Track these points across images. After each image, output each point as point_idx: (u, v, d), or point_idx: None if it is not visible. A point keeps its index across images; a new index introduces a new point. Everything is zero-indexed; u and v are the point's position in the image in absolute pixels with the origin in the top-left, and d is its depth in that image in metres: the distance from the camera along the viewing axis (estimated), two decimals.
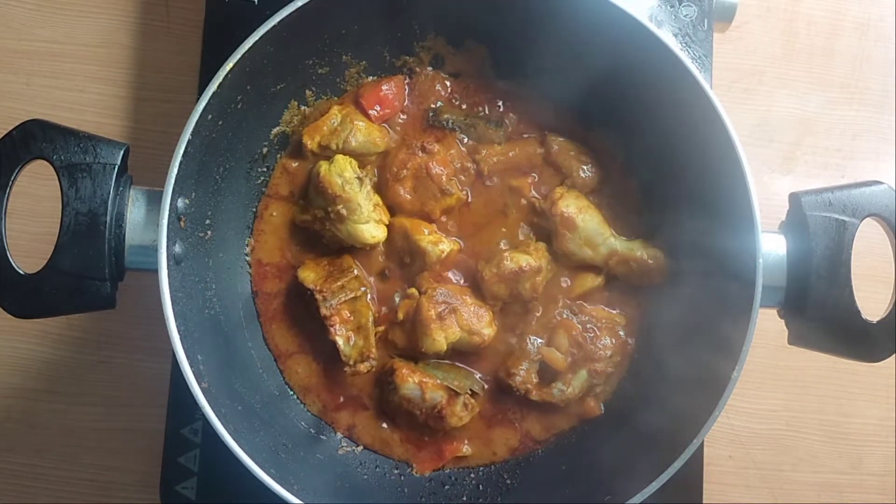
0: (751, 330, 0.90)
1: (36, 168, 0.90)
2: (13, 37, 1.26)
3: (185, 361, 0.88)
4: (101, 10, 1.27)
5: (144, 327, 1.20)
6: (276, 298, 1.10)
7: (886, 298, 0.94)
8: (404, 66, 1.13)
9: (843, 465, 1.26)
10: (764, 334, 0.95)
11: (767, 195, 1.24)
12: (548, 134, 1.12)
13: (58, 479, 1.19)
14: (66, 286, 0.88)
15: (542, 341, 1.07)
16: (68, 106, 1.25)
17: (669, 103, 0.99)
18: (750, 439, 1.26)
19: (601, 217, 1.09)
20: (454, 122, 1.13)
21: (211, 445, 1.08)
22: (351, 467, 1.08)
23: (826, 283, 0.93)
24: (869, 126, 1.33)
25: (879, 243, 0.98)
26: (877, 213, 0.94)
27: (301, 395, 1.10)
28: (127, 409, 1.20)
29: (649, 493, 0.90)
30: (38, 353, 1.20)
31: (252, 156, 1.09)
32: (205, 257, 1.02)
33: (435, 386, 1.03)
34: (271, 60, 1.00)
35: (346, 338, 1.04)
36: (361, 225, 1.04)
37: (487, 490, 1.08)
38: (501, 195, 1.11)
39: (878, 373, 1.26)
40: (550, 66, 1.09)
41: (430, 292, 1.04)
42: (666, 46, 0.94)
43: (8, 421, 1.20)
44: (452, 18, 1.08)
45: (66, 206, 0.88)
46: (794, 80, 1.34)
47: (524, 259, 1.05)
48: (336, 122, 1.09)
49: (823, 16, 1.35)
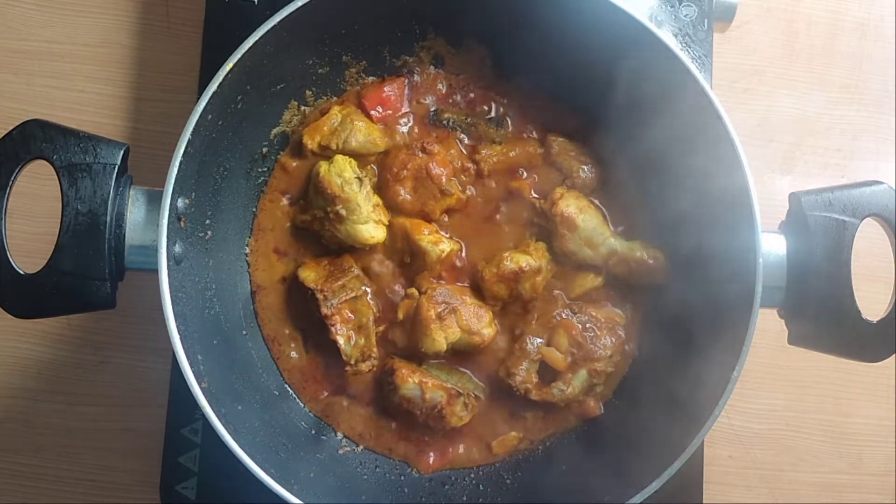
0: (751, 330, 0.90)
1: (36, 168, 0.91)
2: (13, 37, 1.26)
3: (185, 361, 0.88)
4: (101, 10, 1.27)
5: (144, 327, 1.20)
6: (276, 298, 1.10)
7: (886, 298, 0.94)
8: (404, 66, 1.13)
9: (843, 465, 1.26)
10: (764, 334, 0.95)
11: (767, 195, 1.24)
12: (548, 134, 1.12)
13: (58, 479, 1.19)
14: (66, 286, 0.88)
15: (542, 341, 1.07)
16: (68, 106, 1.25)
17: (669, 103, 0.99)
18: (750, 439, 1.26)
19: (601, 217, 1.09)
20: (454, 122, 1.13)
21: (211, 445, 1.08)
22: (351, 467, 1.08)
23: (826, 283, 0.93)
24: (869, 126, 1.33)
25: (879, 243, 0.98)
26: (877, 213, 0.94)
27: (301, 394, 1.10)
28: (127, 409, 1.20)
29: (649, 493, 0.90)
30: (38, 353, 1.20)
31: (252, 156, 1.09)
32: (205, 257, 1.02)
33: (435, 386, 1.03)
34: (271, 60, 1.00)
35: (346, 337, 1.04)
36: (360, 225, 1.04)
37: (487, 490, 1.08)
38: (501, 195, 1.11)
39: (878, 373, 1.26)
40: (550, 66, 1.09)
41: (430, 292, 1.04)
42: (666, 46, 0.94)
43: (8, 421, 1.20)
44: (452, 18, 1.08)
45: (66, 206, 0.88)
46: (794, 80, 1.34)
47: (524, 259, 1.05)
48: (336, 122, 1.09)
49: (823, 16, 1.35)
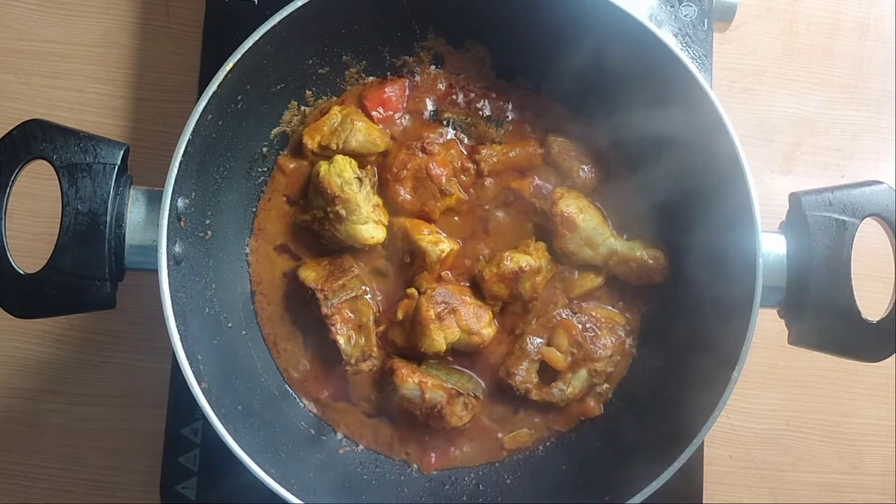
0: (751, 330, 0.90)
1: (36, 168, 0.90)
2: (13, 37, 1.26)
3: (185, 361, 0.88)
4: (101, 10, 1.27)
5: (144, 327, 1.20)
6: (276, 298, 1.10)
7: (886, 298, 0.94)
8: (404, 65, 1.13)
9: (843, 465, 1.26)
10: (764, 334, 0.95)
11: (767, 195, 1.24)
12: (548, 134, 1.12)
13: (58, 479, 1.19)
14: (66, 286, 0.88)
15: (542, 341, 1.07)
16: (68, 106, 1.25)
17: (669, 103, 0.99)
18: (750, 439, 1.26)
19: (601, 217, 1.09)
20: (454, 122, 1.13)
21: (211, 445, 1.08)
22: (351, 467, 1.08)
23: (826, 283, 0.93)
24: (869, 126, 1.33)
25: (879, 243, 0.98)
26: (877, 213, 0.94)
27: (301, 394, 1.10)
28: (127, 409, 1.20)
29: (649, 493, 0.90)
30: (38, 353, 1.20)
31: (252, 156, 1.09)
32: (205, 257, 1.02)
33: (435, 386, 1.03)
34: (271, 60, 1.00)
35: (347, 337, 1.04)
36: (360, 225, 1.04)
37: (487, 490, 1.08)
38: (501, 195, 1.11)
39: (878, 373, 1.26)
40: (550, 65, 1.09)
41: (430, 292, 1.04)
42: (666, 46, 0.94)
43: (8, 421, 1.20)
44: (452, 18, 1.08)
45: (66, 206, 0.88)
46: (794, 80, 1.34)
47: (524, 259, 1.05)
48: (336, 122, 1.09)
49: (823, 16, 1.35)
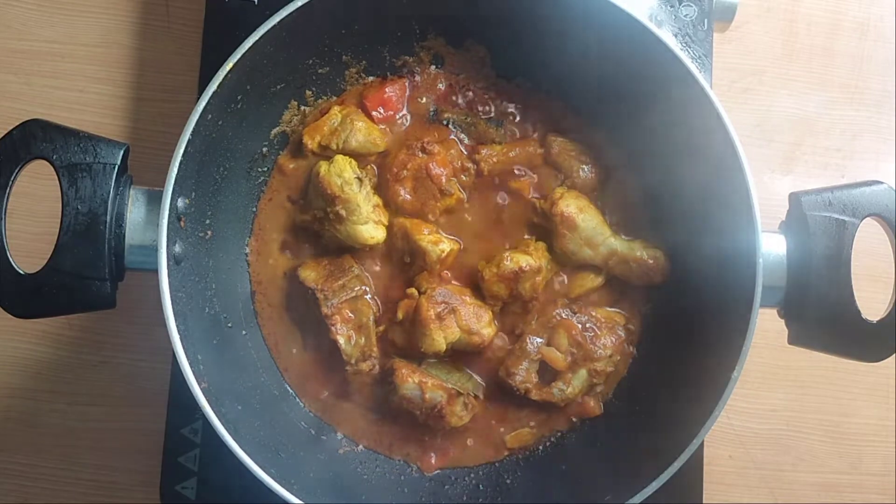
0: (751, 330, 0.90)
1: (36, 168, 0.90)
2: (13, 37, 1.26)
3: (185, 361, 0.88)
4: (101, 10, 1.27)
5: (144, 327, 1.19)
6: (275, 298, 1.10)
7: (886, 298, 0.94)
8: (404, 66, 1.13)
9: (843, 465, 1.26)
10: (764, 334, 0.95)
11: (767, 195, 1.24)
12: (548, 134, 1.12)
13: (58, 479, 1.19)
14: (66, 286, 0.88)
15: (542, 341, 1.07)
16: (68, 106, 1.25)
17: (669, 103, 0.99)
18: (750, 439, 1.25)
19: (601, 217, 1.09)
20: (454, 122, 1.13)
21: (211, 445, 1.08)
22: (351, 467, 1.08)
23: (826, 283, 0.93)
24: (869, 126, 1.33)
25: (879, 243, 0.98)
26: (877, 213, 0.94)
27: (301, 394, 1.10)
28: (127, 409, 1.20)
29: (649, 493, 0.90)
30: (38, 353, 1.20)
31: (252, 156, 1.09)
32: (205, 257, 1.02)
33: (435, 386, 1.03)
34: (271, 60, 1.00)
35: (347, 337, 1.04)
36: (360, 226, 1.04)
37: (487, 490, 1.08)
38: (501, 195, 1.11)
39: (878, 373, 1.26)
40: (550, 66, 1.09)
41: (430, 292, 1.04)
42: (666, 46, 0.94)
43: (8, 421, 1.20)
44: (452, 18, 1.08)
45: (66, 206, 0.88)
46: (794, 80, 1.33)
47: (524, 259, 1.05)
48: (336, 122, 1.09)
49: (823, 16, 1.35)
